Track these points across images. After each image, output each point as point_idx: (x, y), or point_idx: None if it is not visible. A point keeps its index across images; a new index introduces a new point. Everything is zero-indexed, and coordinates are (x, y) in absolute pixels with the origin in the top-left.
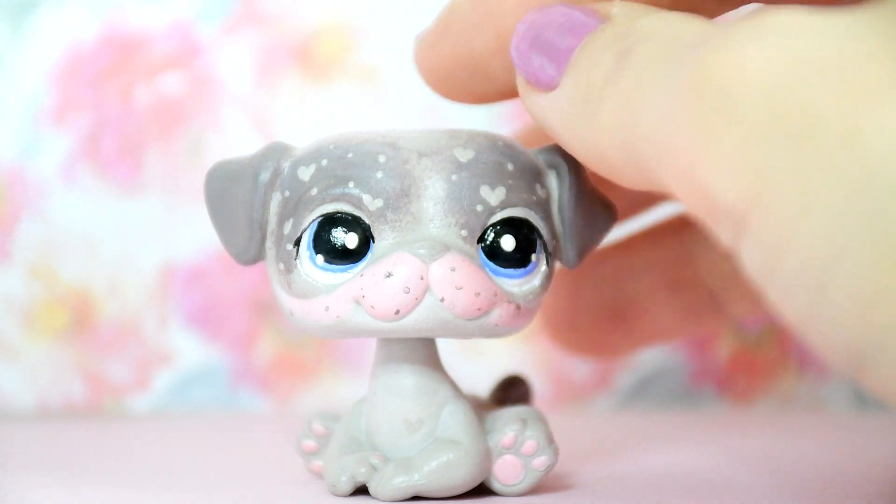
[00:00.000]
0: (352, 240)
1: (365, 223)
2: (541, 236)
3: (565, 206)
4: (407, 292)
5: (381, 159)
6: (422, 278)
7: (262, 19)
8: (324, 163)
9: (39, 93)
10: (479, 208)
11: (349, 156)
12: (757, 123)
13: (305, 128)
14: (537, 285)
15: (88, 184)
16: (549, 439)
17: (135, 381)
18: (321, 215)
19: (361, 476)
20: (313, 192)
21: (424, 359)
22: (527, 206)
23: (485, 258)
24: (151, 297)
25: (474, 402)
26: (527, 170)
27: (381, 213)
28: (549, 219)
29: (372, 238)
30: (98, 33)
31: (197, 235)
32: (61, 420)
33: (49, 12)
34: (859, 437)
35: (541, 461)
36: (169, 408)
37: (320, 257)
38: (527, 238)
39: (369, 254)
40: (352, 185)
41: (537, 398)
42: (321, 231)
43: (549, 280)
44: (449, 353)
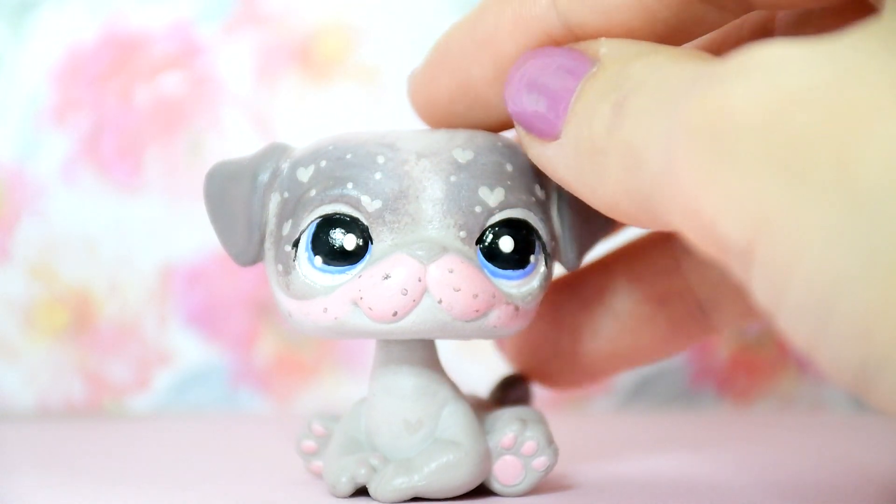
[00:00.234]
0: (350, 241)
1: (363, 224)
2: (540, 237)
3: (565, 207)
4: (405, 294)
5: (380, 160)
6: (420, 280)
7: (262, 19)
8: (322, 164)
9: (39, 93)
10: (477, 209)
11: (348, 157)
12: (752, 161)
13: (305, 128)
14: (536, 286)
15: (88, 184)
16: (549, 440)
17: (135, 381)
18: (319, 216)
19: (361, 477)
20: (312, 193)
21: (424, 360)
22: (526, 207)
23: (483, 259)
24: (151, 297)
25: (474, 402)
26: (526, 171)
27: (380, 215)
28: (548, 220)
29: (370, 239)
30: (98, 33)
31: (197, 235)
32: (61, 420)
33: (49, 12)
34: (859, 437)
35: (540, 462)
36: (169, 408)
37: (319, 259)
38: (525, 239)
39: (367, 255)
40: (350, 186)
41: (537, 399)
42: (319, 232)
43: (547, 281)
44: (448, 353)
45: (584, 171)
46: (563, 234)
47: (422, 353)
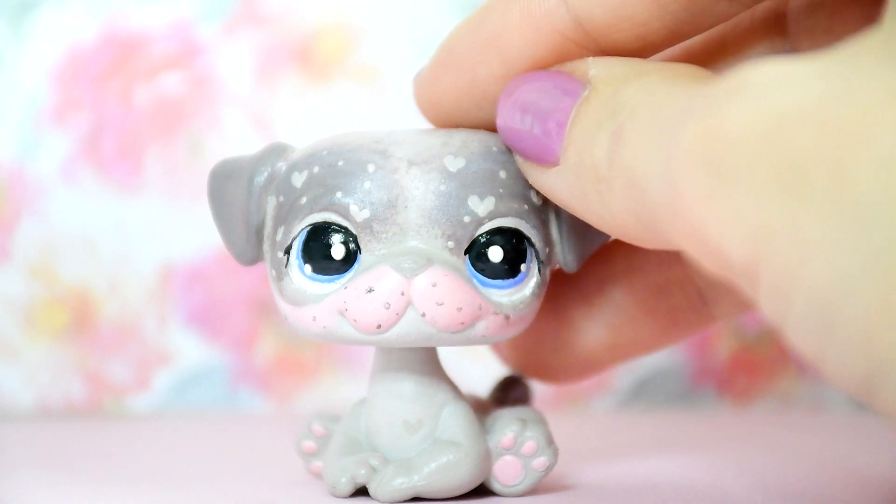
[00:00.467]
0: (339, 251)
1: (352, 233)
2: (532, 245)
3: (563, 212)
4: (387, 308)
5: (370, 168)
6: (402, 294)
7: (262, 19)
8: (315, 170)
9: (39, 93)
10: (466, 219)
11: (339, 164)
12: (751, 182)
13: (305, 128)
14: (528, 294)
15: (88, 184)
16: (549, 440)
17: (135, 381)
18: (310, 224)
19: (361, 477)
20: (303, 200)
21: (424, 362)
22: (517, 215)
23: (472, 269)
24: (151, 297)
25: (474, 402)
26: (521, 176)
27: (368, 224)
28: (543, 225)
29: (359, 249)
30: (98, 33)
31: (197, 235)
32: (61, 420)
33: (49, 12)
34: (859, 437)
35: (540, 462)
36: (169, 408)
37: (308, 267)
38: (516, 248)
39: (356, 265)
40: (339, 195)
41: (537, 399)
42: (310, 240)
43: (541, 288)
44: (448, 354)
45: (589, 199)
46: (562, 238)
47: (421, 355)
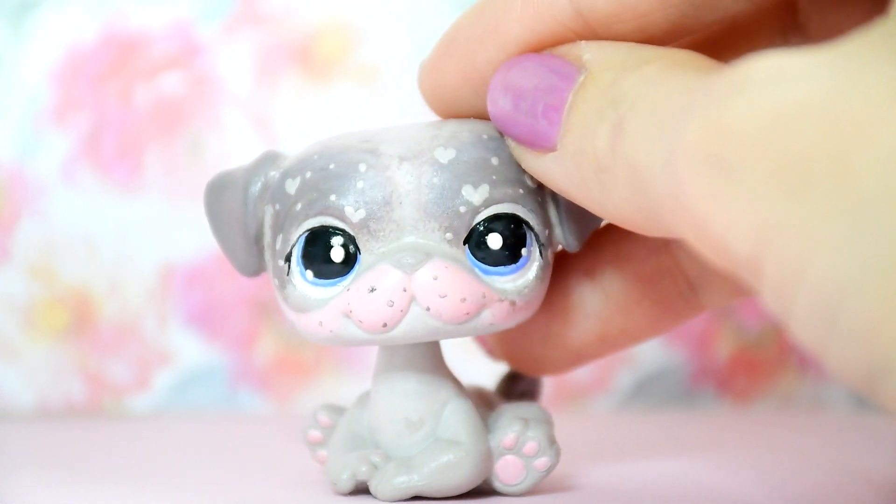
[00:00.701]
0: (338, 253)
1: (349, 235)
2: (531, 228)
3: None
4: (391, 305)
5: (362, 168)
6: (405, 290)
7: (262, 19)
8: (308, 175)
9: (39, 93)
10: (462, 209)
11: (331, 166)
12: (755, 177)
13: (305, 128)
14: (532, 278)
15: (88, 184)
16: (551, 440)
17: (135, 381)
18: (307, 230)
19: (363, 474)
20: (298, 207)
21: (427, 359)
22: (512, 200)
23: (473, 259)
24: (151, 297)
25: (480, 396)
26: (514, 161)
27: (364, 224)
28: (540, 208)
29: (358, 249)
30: (98, 33)
31: (197, 235)
32: (61, 420)
33: (49, 12)
34: (859, 437)
35: (542, 462)
36: (169, 408)
37: (310, 272)
38: (514, 233)
39: (357, 266)
40: (333, 197)
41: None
42: (308, 246)
43: (544, 271)
44: (452, 349)
45: (589, 187)
46: (560, 219)
47: (425, 352)
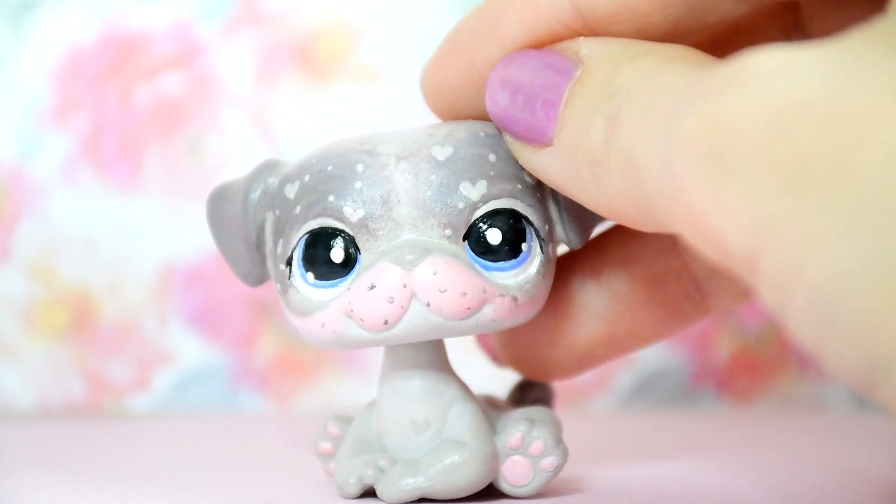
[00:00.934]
0: (337, 254)
1: (349, 235)
2: (531, 223)
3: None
4: (391, 302)
5: (359, 168)
6: (405, 286)
7: (262, 19)
8: (306, 178)
9: (39, 93)
10: (460, 206)
11: (329, 169)
12: (754, 173)
13: (305, 128)
14: (533, 273)
15: (88, 184)
16: (557, 440)
17: (135, 381)
18: (307, 232)
19: (369, 478)
20: (297, 210)
21: (431, 360)
22: (511, 196)
23: (473, 255)
24: (151, 297)
25: (488, 403)
26: (512, 157)
27: (363, 224)
28: (540, 204)
29: (358, 250)
30: (98, 33)
31: (197, 235)
32: (61, 420)
33: (49, 12)
34: (859, 437)
35: (549, 462)
36: (169, 408)
37: (311, 275)
38: (514, 229)
39: (357, 266)
40: (332, 198)
41: None
42: (308, 248)
43: (547, 267)
44: (457, 352)
45: (584, 181)
46: (561, 215)
47: (429, 353)
